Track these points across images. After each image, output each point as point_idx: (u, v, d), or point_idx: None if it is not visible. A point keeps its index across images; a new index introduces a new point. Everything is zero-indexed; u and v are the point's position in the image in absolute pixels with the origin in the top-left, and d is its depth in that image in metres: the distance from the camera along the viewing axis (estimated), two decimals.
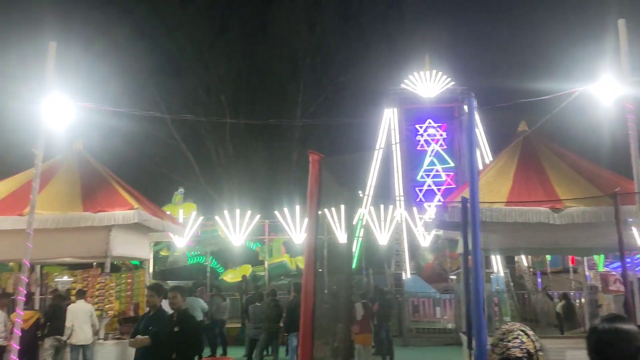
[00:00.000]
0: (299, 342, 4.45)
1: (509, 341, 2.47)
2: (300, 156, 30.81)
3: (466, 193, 7.15)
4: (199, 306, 13.92)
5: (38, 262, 11.89)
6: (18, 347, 9.37)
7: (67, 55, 16.55)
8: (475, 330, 4.33)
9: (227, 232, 19.08)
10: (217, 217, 19.81)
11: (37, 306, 12.28)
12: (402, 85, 26.94)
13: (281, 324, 11.78)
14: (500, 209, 9.72)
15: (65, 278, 12.57)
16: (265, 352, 12.37)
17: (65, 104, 10.13)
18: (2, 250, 11.52)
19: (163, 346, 5.29)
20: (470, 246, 5.28)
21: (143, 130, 27.49)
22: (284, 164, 31.47)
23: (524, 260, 21.43)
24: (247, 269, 20.62)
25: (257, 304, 12.50)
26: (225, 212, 19.65)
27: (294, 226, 19.02)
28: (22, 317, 9.44)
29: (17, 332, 9.48)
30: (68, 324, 10.11)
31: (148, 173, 28.37)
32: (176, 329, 5.30)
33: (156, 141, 29.74)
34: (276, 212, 19.26)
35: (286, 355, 13.62)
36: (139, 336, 5.57)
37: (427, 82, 26.72)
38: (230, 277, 21.12)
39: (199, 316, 13.88)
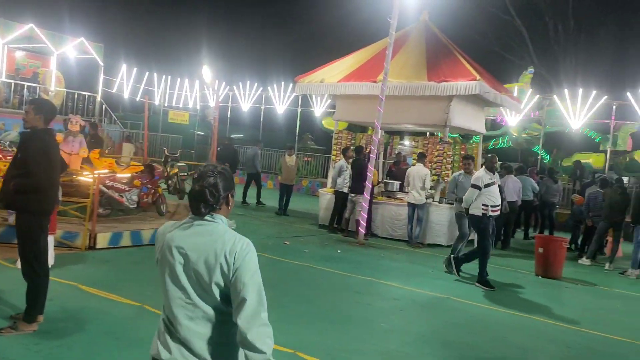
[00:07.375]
0: None
1: None
2: None
3: None
4: (529, 185, 13.58)
5: (385, 126, 13.08)
6: (369, 197, 10.87)
7: None
8: None
9: (566, 114, 17.64)
10: (555, 96, 18.43)
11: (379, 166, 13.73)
12: None
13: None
14: None
15: (407, 143, 13.60)
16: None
17: None
18: (357, 113, 13.04)
19: None
20: None
21: (477, 5, 26.63)
22: (638, 40, 26.88)
23: None
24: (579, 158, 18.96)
25: (598, 190, 11.51)
26: (565, 91, 18.06)
27: None
28: (372, 172, 10.76)
29: (368, 185, 10.94)
30: (405, 184, 11.05)
31: (480, 50, 27.82)
32: None
33: (490, 17, 28.65)
34: (628, 94, 16.74)
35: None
36: None
37: None
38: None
39: (529, 196, 13.57)
